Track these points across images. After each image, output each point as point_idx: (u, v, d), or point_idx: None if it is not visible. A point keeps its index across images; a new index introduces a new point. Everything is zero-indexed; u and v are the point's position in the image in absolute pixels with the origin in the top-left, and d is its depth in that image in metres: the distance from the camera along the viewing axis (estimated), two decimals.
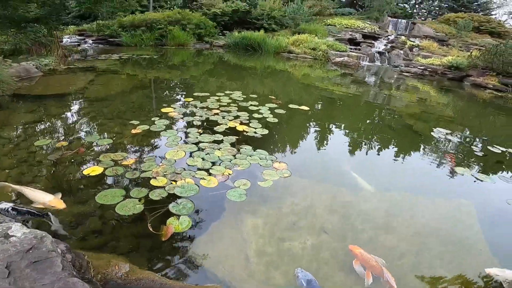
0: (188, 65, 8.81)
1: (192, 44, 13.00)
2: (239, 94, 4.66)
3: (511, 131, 5.36)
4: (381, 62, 12.97)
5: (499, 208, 2.45)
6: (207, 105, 4.06)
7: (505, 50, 9.72)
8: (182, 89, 5.56)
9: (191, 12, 14.48)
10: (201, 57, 10.70)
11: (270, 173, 2.55)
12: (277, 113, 3.96)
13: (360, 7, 21.95)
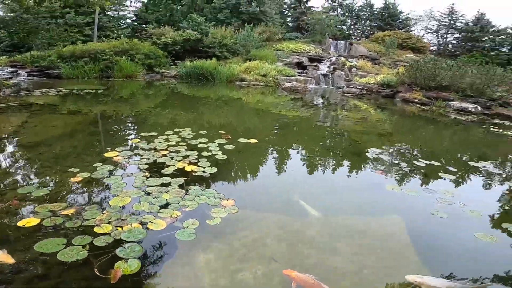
0: (138, 98, 8.70)
1: (141, 75, 12.87)
2: (188, 131, 4.77)
3: (437, 143, 6.40)
4: (325, 84, 14.39)
5: (425, 219, 2.83)
6: (154, 146, 4.06)
7: (424, 65, 11.63)
8: (131, 126, 5.53)
9: (139, 42, 14.51)
10: (152, 89, 10.72)
11: (219, 210, 2.69)
12: (226, 149, 4.11)
13: (305, 30, 24.48)
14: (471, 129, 8.00)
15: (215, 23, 19.31)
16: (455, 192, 3.39)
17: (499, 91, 11.12)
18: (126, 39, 14.36)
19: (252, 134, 5.11)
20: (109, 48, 12.94)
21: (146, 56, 13.78)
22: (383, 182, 3.56)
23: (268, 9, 21.37)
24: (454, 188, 3.56)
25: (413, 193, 3.29)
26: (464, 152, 5.58)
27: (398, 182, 3.64)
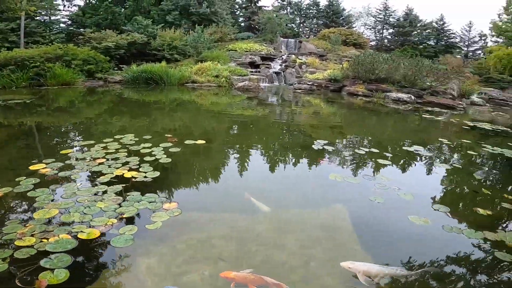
0: (79, 106, 8.03)
1: (80, 82, 11.89)
2: (130, 137, 4.54)
3: (377, 131, 7.01)
4: (278, 82, 14.87)
5: (365, 206, 3.02)
6: (90, 155, 3.84)
7: (364, 60, 12.70)
8: (67, 137, 5.12)
9: (76, 47, 13.52)
10: (94, 96, 10.00)
11: (160, 214, 2.61)
12: (171, 152, 3.99)
13: (257, 30, 25.01)
14: (407, 117, 8.93)
15: (163, 25, 18.74)
16: (391, 177, 3.71)
17: (428, 81, 12.59)
18: (60, 45, 13.18)
19: (204, 136, 5.05)
20: (39, 55, 11.71)
21: (85, 62, 12.80)
22: (326, 172, 3.77)
23: (219, 10, 21.28)
24: (389, 173, 3.92)
25: (353, 181, 3.52)
26: (400, 138, 6.21)
27: (340, 171, 3.90)
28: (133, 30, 16.53)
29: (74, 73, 11.84)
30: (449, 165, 4.40)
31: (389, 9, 31.60)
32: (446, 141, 5.91)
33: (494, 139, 6.48)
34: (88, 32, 15.82)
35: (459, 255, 2.37)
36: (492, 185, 3.83)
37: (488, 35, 27.97)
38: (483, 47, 28.92)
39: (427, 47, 28.61)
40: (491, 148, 5.34)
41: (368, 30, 33.36)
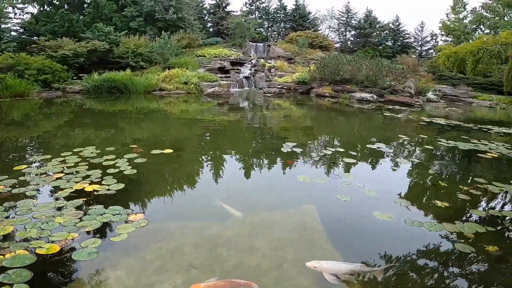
0: (36, 119, 7.51)
1: (36, 93, 11.17)
2: (91, 149, 4.34)
3: (343, 130, 7.33)
4: (248, 86, 15.03)
5: (333, 204, 3.14)
6: (46, 170, 3.61)
7: (329, 61, 13.32)
8: (22, 152, 4.75)
9: (29, 56, 12.63)
10: (52, 108, 9.37)
11: (125, 226, 2.52)
12: (136, 163, 3.88)
13: (225, 35, 25.07)
14: (371, 116, 9.46)
15: (126, 32, 18.08)
16: (356, 174, 3.89)
17: (388, 81, 13.47)
18: (11, 54, 12.31)
19: (173, 145, 4.95)
20: None
21: (40, 71, 12.00)
22: (295, 174, 3.87)
23: (187, 15, 20.99)
24: (355, 171, 4.10)
25: (321, 181, 3.65)
26: (365, 137, 6.57)
27: (308, 171, 4.00)
28: (93, 37, 15.76)
29: (28, 84, 11.09)
30: (409, 161, 4.72)
31: (350, 11, 33.34)
32: (406, 137, 6.35)
33: (449, 133, 7.07)
34: (43, 40, 14.78)
35: (421, 249, 2.52)
36: (448, 177, 4.17)
37: (438, 35, 30.48)
38: (434, 46, 31.48)
39: (385, 47, 30.59)
40: (446, 142, 5.81)
41: (332, 33, 34.94)
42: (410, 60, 24.47)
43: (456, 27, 27.46)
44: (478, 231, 2.69)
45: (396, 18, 32.00)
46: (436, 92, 18.48)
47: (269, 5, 31.82)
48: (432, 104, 14.52)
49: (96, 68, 14.20)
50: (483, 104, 17.04)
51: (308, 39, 23.49)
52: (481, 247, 2.48)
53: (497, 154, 5.15)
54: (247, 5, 31.39)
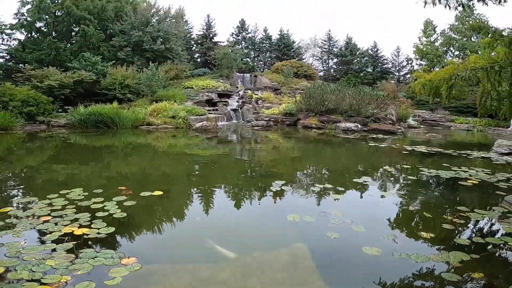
0: (18, 154, 7.39)
1: (19, 126, 10.97)
2: (78, 191, 4.31)
3: (331, 164, 7.60)
4: (236, 119, 15.34)
5: (323, 242, 3.21)
6: (33, 213, 3.57)
7: (314, 91, 13.96)
8: (4, 192, 4.67)
9: (14, 86, 12.52)
10: (36, 142, 9.24)
11: (119, 270, 2.51)
12: (126, 206, 3.88)
13: (213, 65, 25.85)
14: (356, 147, 9.86)
15: (114, 62, 18.31)
16: (344, 210, 4.01)
17: (371, 109, 14.20)
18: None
19: (162, 184, 5.00)
20: None
21: (25, 103, 11.85)
22: (285, 212, 3.92)
23: (175, 46, 21.42)
24: (343, 207, 4.25)
25: (310, 219, 3.73)
26: (351, 169, 6.83)
27: (297, 210, 4.04)
28: (80, 67, 15.84)
29: (11, 117, 10.91)
30: (393, 193, 4.95)
31: (332, 39, 35.29)
32: (390, 168, 6.66)
33: (430, 161, 7.47)
34: (28, 68, 14.66)
35: (409, 280, 2.63)
36: (432, 207, 4.39)
37: (413, 59, 31.86)
38: (410, 71, 33.34)
39: (366, 74, 32.15)
40: (427, 171, 6.13)
41: (316, 61, 36.67)
42: (389, 87, 25.96)
43: (429, 51, 28.93)
44: (464, 259, 2.84)
45: (374, 44, 33.89)
46: (416, 117, 19.56)
47: (255, 35, 33.43)
48: (413, 131, 15.32)
49: (82, 100, 14.18)
50: (460, 127, 18.14)
51: (293, 68, 24.59)
52: (468, 275, 2.61)
53: (477, 180, 5.46)
54: (233, 35, 32.88)
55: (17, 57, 19.61)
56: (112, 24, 21.42)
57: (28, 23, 20.01)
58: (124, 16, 21.49)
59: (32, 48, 19.25)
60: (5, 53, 20.69)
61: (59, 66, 16.28)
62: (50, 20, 20.37)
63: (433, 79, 7.21)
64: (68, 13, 19.45)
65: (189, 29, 29.49)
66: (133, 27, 20.69)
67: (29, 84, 13.45)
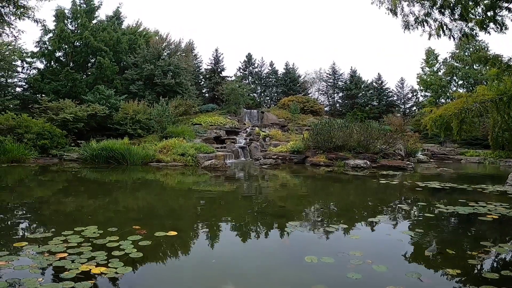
0: (35, 189, 7.57)
1: (32, 159, 11.25)
2: (93, 229, 4.38)
3: (343, 203, 7.51)
4: (244, 157, 15.47)
5: (344, 284, 3.15)
6: (49, 249, 3.63)
7: (321, 129, 14.14)
8: (18, 225, 4.74)
9: (30, 118, 13.05)
10: (47, 175, 9.45)
11: None
12: (141, 246, 3.89)
13: (220, 101, 26.73)
14: (367, 184, 9.82)
15: (126, 96, 19.10)
16: (363, 250, 3.96)
17: (379, 145, 14.30)
18: (13, 114, 12.74)
19: (176, 223, 5.07)
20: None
21: (39, 136, 12.29)
22: (302, 254, 3.88)
23: (184, 81, 22.31)
24: (361, 247, 4.18)
25: (329, 260, 3.67)
26: (364, 208, 6.76)
27: (314, 251, 4.01)
28: (94, 100, 16.55)
29: (26, 149, 11.23)
30: (412, 231, 4.89)
31: (337, 72, 36.31)
32: (405, 206, 6.62)
33: (445, 197, 7.41)
34: (45, 100, 15.29)
35: None
36: (455, 244, 4.31)
37: (417, 90, 31.78)
38: (416, 104, 33.52)
39: (372, 108, 32.40)
40: (444, 207, 6.06)
41: (321, 95, 37.59)
42: (396, 121, 26.31)
43: (433, 81, 28.75)
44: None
45: (378, 77, 34.56)
46: (425, 151, 19.55)
47: (262, 70, 34.91)
48: (423, 165, 15.24)
49: (95, 134, 14.62)
50: (471, 160, 18.01)
51: (300, 104, 25.29)
52: None
53: (497, 215, 5.40)
54: (240, 70, 34.43)
55: (35, 87, 20.46)
56: (126, 56, 22.61)
57: (48, 52, 21.12)
58: (137, 48, 22.73)
59: (50, 78, 20.15)
60: (23, 82, 21.72)
61: (74, 98, 17.05)
62: (69, 50, 21.51)
63: (443, 115, 7.41)
64: (86, 44, 20.62)
65: (198, 63, 31.01)
66: (145, 60, 21.76)
67: (45, 116, 14.01)
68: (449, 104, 7.89)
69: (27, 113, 14.40)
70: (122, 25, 24.23)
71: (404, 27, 6.49)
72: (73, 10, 20.93)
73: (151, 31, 26.87)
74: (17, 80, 21.44)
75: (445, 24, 6.18)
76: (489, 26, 5.89)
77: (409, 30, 6.54)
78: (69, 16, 21.52)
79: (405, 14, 6.42)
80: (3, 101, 16.21)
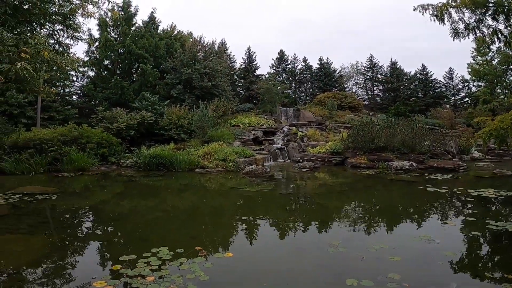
0: (111, 203, 8.40)
1: (95, 167, 12.68)
2: (165, 251, 4.85)
3: (385, 217, 7.44)
4: (282, 158, 15.74)
5: None
6: (139, 272, 4.20)
7: (361, 129, 13.81)
8: (113, 248, 5.41)
9: (90, 128, 14.49)
10: (116, 186, 10.54)
11: None
12: (206, 268, 4.34)
13: (256, 99, 27.18)
14: (411, 192, 9.22)
15: (168, 101, 20.46)
16: (403, 274, 4.00)
17: (426, 145, 13.68)
18: (75, 125, 14.13)
19: (231, 241, 5.56)
20: (57, 137, 12.60)
21: (99, 145, 13.69)
22: (344, 276, 4.04)
23: (220, 83, 23.16)
24: (403, 271, 4.19)
25: (368, 283, 3.78)
26: (405, 226, 6.43)
27: (355, 273, 4.12)
28: (141, 107, 18.13)
29: (89, 158, 12.61)
30: (456, 254, 4.83)
31: (375, 65, 34.68)
32: (451, 222, 6.42)
33: (498, 209, 7.08)
34: (101, 110, 16.97)
35: None
36: (506, 267, 4.28)
37: (469, 80, 29.50)
38: (469, 95, 30.88)
39: (417, 101, 30.46)
40: (494, 223, 5.84)
41: (359, 90, 36.18)
42: (445, 114, 24.54)
43: (486, 70, 26.68)
44: None
45: (422, 68, 32.40)
46: (480, 147, 18.11)
47: (295, 66, 34.50)
48: (478, 164, 14.22)
49: (144, 140, 16.07)
50: None
51: (337, 100, 24.76)
52: None
53: None
54: (273, 67, 34.40)
55: (88, 95, 22.82)
56: (164, 61, 24.06)
57: (97, 60, 23.37)
58: (174, 53, 23.98)
59: (102, 86, 22.38)
60: (79, 90, 24.24)
61: (123, 105, 18.83)
62: (115, 58, 23.57)
63: (498, 127, 7.05)
64: (129, 51, 22.41)
65: (231, 63, 31.71)
66: (182, 64, 22.96)
67: (102, 126, 15.68)
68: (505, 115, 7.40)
69: (85, 122, 16.21)
70: (158, 30, 25.60)
71: (453, 35, 6.32)
72: (113, 18, 22.51)
73: (185, 34, 28.02)
74: (72, 88, 23.97)
75: (500, 31, 6.03)
76: None
77: (459, 38, 6.37)
78: (110, 24, 23.32)
79: (454, 21, 6.26)
80: (63, 111, 18.33)
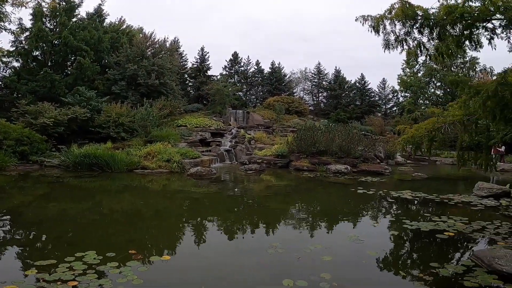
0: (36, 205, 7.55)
1: (12, 166, 11.10)
2: (93, 255, 4.47)
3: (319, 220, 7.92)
4: (230, 160, 15.77)
5: None
6: (59, 277, 3.81)
7: (305, 133, 14.74)
8: (26, 250, 4.82)
9: (9, 123, 12.76)
10: (36, 186, 9.36)
11: None
12: (140, 272, 4.10)
13: (206, 100, 26.72)
14: (345, 193, 10.03)
15: (108, 98, 18.77)
16: (333, 274, 4.10)
17: (359, 150, 15.11)
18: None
19: (170, 247, 5.31)
20: None
21: (18, 142, 12.03)
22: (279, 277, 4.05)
23: (169, 81, 21.92)
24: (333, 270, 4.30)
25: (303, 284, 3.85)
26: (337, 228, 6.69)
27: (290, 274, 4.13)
28: (74, 102, 16.14)
29: (5, 156, 11.01)
30: (376, 254, 5.03)
31: (321, 72, 37.03)
32: (375, 223, 7.09)
33: (413, 210, 8.02)
34: (23, 103, 14.80)
35: None
36: (407, 264, 4.76)
37: (398, 91, 33.14)
38: (397, 104, 34.88)
39: (355, 108, 33.24)
40: (409, 223, 6.55)
41: (306, 95, 38.23)
42: (377, 122, 27.34)
43: (412, 82, 29.98)
44: None
45: (361, 77, 35.48)
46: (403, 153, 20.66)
47: (247, 69, 34.96)
48: (401, 168, 16.26)
49: (75, 138, 14.38)
50: (445, 162, 19.33)
51: (285, 104, 25.79)
52: None
53: (454, 232, 5.78)
54: (226, 69, 34.36)
55: (11, 88, 19.70)
56: (107, 55, 21.98)
57: (25, 51, 20.39)
58: (120, 47, 22.06)
59: (27, 78, 19.41)
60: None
61: (53, 99, 16.51)
62: (47, 49, 20.72)
63: (414, 135, 8.00)
64: (65, 43, 19.91)
65: (183, 62, 30.65)
66: (128, 59, 21.23)
67: (23, 121, 13.68)
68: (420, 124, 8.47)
69: (3, 116, 14.03)
70: (104, 23, 23.49)
71: (384, 46, 6.33)
72: (50, 8, 20.08)
73: (135, 29, 26.26)
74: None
75: (423, 43, 6.20)
76: (465, 44, 5.93)
77: (389, 49, 6.62)
78: (47, 15, 20.71)
79: (387, 33, 6.19)
80: None
